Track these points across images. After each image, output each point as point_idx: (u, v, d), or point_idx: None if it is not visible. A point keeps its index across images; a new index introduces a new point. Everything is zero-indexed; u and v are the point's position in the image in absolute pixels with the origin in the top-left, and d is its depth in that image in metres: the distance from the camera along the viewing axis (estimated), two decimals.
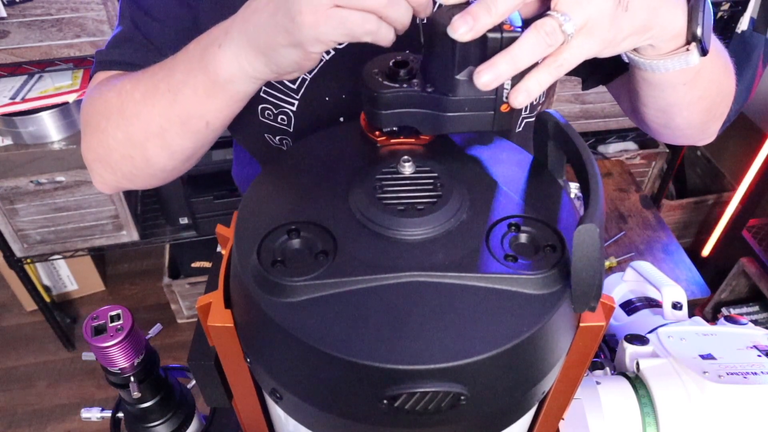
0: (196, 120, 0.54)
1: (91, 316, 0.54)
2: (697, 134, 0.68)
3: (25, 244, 1.70)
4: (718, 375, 0.53)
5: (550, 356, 0.37)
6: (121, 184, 0.64)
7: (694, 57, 0.49)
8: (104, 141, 0.59)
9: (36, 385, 1.90)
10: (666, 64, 0.50)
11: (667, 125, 0.65)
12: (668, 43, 0.49)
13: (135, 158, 0.59)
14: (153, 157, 0.58)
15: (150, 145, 0.57)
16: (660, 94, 0.57)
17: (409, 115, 0.43)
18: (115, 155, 0.59)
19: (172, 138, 0.56)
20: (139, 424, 0.60)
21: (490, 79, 0.40)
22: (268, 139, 0.68)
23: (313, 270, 0.35)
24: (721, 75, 0.60)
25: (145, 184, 0.64)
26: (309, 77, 0.62)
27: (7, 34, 1.41)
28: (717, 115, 0.65)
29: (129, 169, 0.60)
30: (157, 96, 0.54)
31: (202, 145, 0.59)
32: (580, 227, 0.33)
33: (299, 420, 0.40)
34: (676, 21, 0.47)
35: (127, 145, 0.58)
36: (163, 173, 0.62)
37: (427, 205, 0.39)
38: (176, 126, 0.55)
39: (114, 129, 0.58)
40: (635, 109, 0.65)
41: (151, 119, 0.55)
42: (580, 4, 0.40)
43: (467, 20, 0.38)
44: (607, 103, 1.92)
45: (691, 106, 0.59)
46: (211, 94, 0.51)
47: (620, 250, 1.82)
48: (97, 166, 0.62)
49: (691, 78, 0.54)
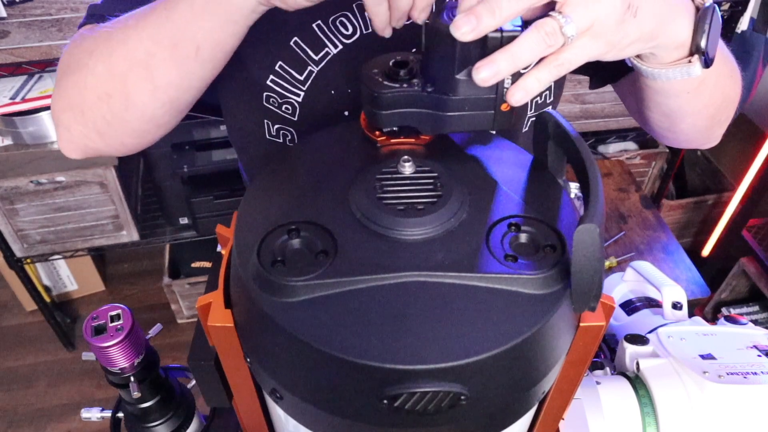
0: (187, 42, 0.51)
1: (91, 316, 0.54)
2: (702, 139, 0.67)
3: (25, 244, 1.70)
4: (718, 375, 0.53)
5: (550, 356, 0.37)
6: (91, 142, 0.59)
7: (696, 69, 0.48)
8: (81, 81, 0.55)
9: (36, 385, 1.90)
10: (668, 74, 0.50)
11: (671, 129, 0.64)
12: (671, 53, 0.48)
13: (113, 97, 0.55)
14: (134, 93, 0.54)
15: (132, 75, 0.53)
16: (664, 100, 0.57)
17: (409, 115, 0.43)
18: (91, 96, 0.55)
19: (157, 65, 0.53)
20: (139, 424, 0.60)
21: (489, 75, 0.39)
22: (266, 127, 0.67)
23: (313, 270, 0.35)
24: (726, 82, 0.59)
25: (116, 143, 0.59)
26: (316, 70, 0.62)
27: (7, 34, 1.41)
28: (722, 121, 0.64)
29: (103, 114, 0.56)
30: (151, 18, 0.52)
31: (186, 89, 0.55)
32: (580, 227, 0.33)
33: (299, 420, 0.40)
34: (681, 31, 0.47)
35: (107, 79, 0.54)
36: (139, 123, 0.57)
37: (427, 205, 0.39)
38: (165, 50, 0.52)
39: (95, 63, 0.54)
40: (640, 112, 0.65)
41: (138, 43, 0.52)
42: (586, 6, 0.40)
43: (470, 20, 0.38)
44: (607, 103, 1.92)
45: (696, 112, 0.59)
46: (208, 8, 0.49)
47: (620, 250, 1.82)
48: (66, 117, 0.58)
49: (695, 86, 0.54)
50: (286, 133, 0.67)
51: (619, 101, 1.94)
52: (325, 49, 0.61)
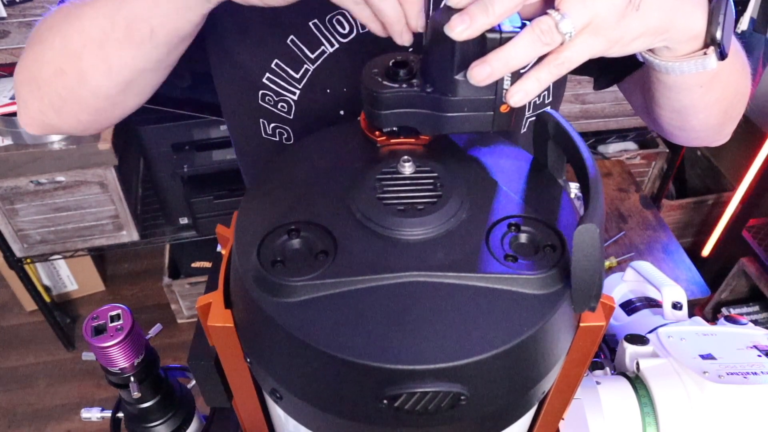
0: (141, 24, 0.50)
1: (91, 316, 0.54)
2: (712, 136, 0.66)
3: (25, 244, 1.70)
4: (718, 375, 0.53)
5: (550, 356, 0.37)
6: (47, 118, 0.58)
7: (711, 61, 0.47)
8: (40, 55, 0.55)
9: (36, 385, 1.90)
10: (682, 67, 0.49)
11: (682, 127, 0.63)
12: (685, 46, 0.47)
13: (67, 73, 0.54)
14: (88, 70, 0.54)
15: (86, 53, 0.53)
16: (675, 96, 0.55)
17: (409, 116, 0.43)
18: (47, 71, 0.55)
19: (111, 45, 0.52)
20: (139, 424, 0.60)
21: (483, 75, 0.39)
22: (262, 126, 0.67)
23: (313, 270, 0.35)
24: (738, 76, 0.58)
25: (72, 119, 0.59)
26: (312, 68, 0.62)
27: (7, 34, 1.41)
28: (733, 117, 0.63)
29: (58, 90, 0.55)
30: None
31: (141, 71, 0.54)
32: (580, 227, 0.33)
33: (299, 420, 0.40)
34: (695, 23, 0.46)
35: (63, 54, 0.54)
36: (94, 100, 0.57)
37: (427, 205, 0.39)
38: (119, 30, 0.51)
39: (53, 37, 0.54)
40: (649, 110, 0.64)
41: (94, 21, 0.52)
42: (584, 2, 0.40)
43: (464, 20, 0.38)
44: (607, 103, 1.92)
45: (708, 108, 0.58)
46: (162, 2, 0.49)
47: (620, 250, 1.82)
48: (24, 91, 0.58)
49: (708, 80, 0.52)
50: (282, 131, 0.67)
51: (619, 101, 1.95)
52: (321, 47, 0.61)
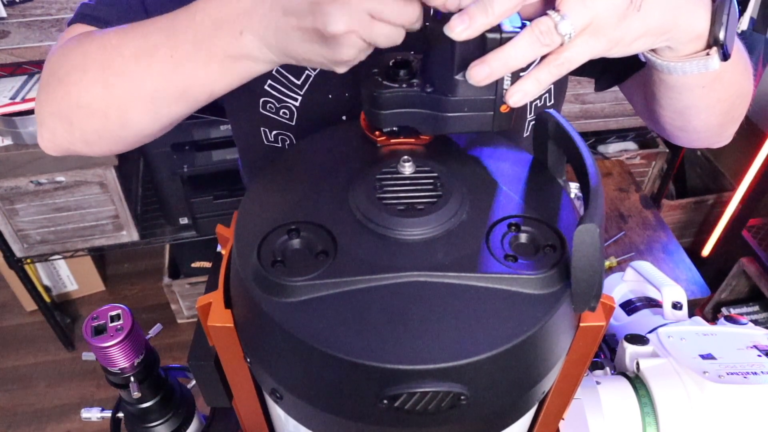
0: (199, 89, 0.50)
1: (91, 316, 0.54)
2: (714, 137, 0.65)
3: (25, 244, 1.70)
4: (718, 375, 0.53)
5: (550, 356, 0.37)
6: (74, 147, 0.58)
7: (714, 62, 0.47)
8: (74, 94, 0.53)
9: (36, 385, 1.90)
10: (684, 67, 0.48)
11: (684, 128, 0.63)
12: (687, 46, 0.47)
13: (110, 118, 0.53)
14: (133, 120, 0.53)
15: (135, 107, 0.52)
16: (677, 96, 0.55)
17: (409, 116, 0.43)
18: (83, 112, 0.54)
19: (162, 104, 0.52)
20: (139, 424, 0.60)
21: (482, 75, 0.39)
22: (263, 134, 0.67)
23: (313, 270, 0.36)
24: (741, 76, 0.58)
25: (104, 150, 0.58)
26: (313, 74, 0.62)
27: (7, 34, 1.41)
28: (735, 117, 0.63)
29: (95, 128, 0.55)
30: (155, 59, 0.49)
31: (191, 112, 0.54)
32: (580, 227, 0.33)
33: (299, 420, 0.40)
34: (697, 23, 0.46)
35: (106, 101, 0.53)
36: (135, 139, 0.56)
37: (427, 205, 0.39)
38: (173, 94, 0.51)
39: (91, 83, 0.52)
40: (650, 111, 0.64)
41: (143, 82, 0.51)
42: (584, 3, 0.40)
43: (464, 20, 0.38)
44: (607, 103, 1.92)
45: (710, 108, 0.57)
46: (225, 72, 0.48)
47: (620, 250, 1.82)
48: (52, 121, 0.56)
49: (711, 81, 0.52)
50: (285, 138, 0.67)
51: (619, 101, 1.95)
52: None
